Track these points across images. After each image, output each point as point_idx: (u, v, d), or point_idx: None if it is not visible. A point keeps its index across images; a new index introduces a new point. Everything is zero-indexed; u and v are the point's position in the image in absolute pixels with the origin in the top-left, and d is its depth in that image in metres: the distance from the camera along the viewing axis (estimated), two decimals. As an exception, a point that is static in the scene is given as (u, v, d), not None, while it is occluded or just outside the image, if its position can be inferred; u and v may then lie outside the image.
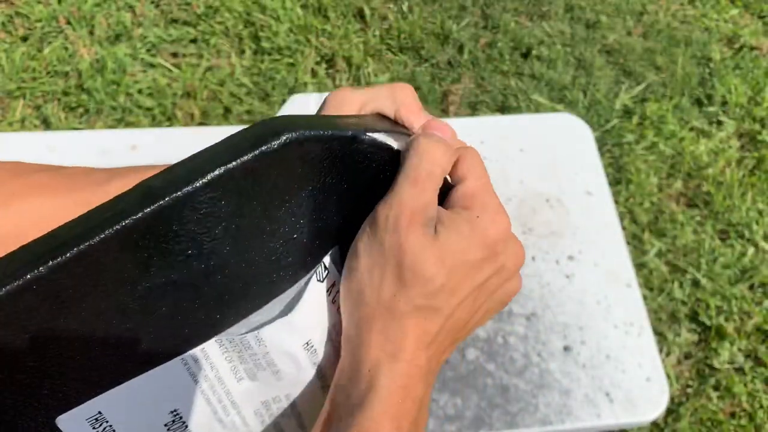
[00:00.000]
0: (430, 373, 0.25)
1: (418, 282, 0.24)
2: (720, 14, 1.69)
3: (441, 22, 1.58)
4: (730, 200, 1.29)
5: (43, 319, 0.20)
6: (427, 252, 0.24)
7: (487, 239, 0.25)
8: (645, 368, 0.55)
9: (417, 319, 0.24)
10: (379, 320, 0.24)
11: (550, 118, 0.75)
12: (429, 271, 0.24)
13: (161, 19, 1.52)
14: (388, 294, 0.24)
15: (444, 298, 0.24)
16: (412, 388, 0.24)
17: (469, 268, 0.24)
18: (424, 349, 0.24)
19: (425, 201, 0.24)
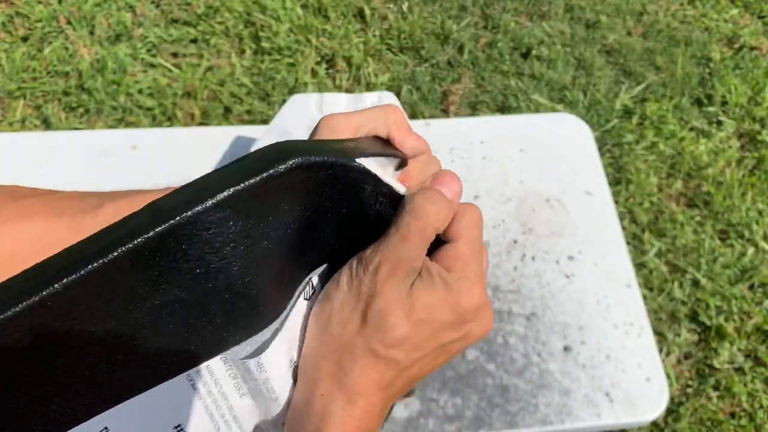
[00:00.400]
0: (382, 414, 0.26)
1: (381, 328, 0.24)
2: (720, 14, 1.69)
3: (441, 22, 1.58)
4: (730, 200, 1.29)
5: (55, 336, 0.21)
6: (398, 302, 0.25)
7: (458, 306, 0.25)
8: (645, 368, 0.55)
9: (375, 363, 0.25)
10: (336, 353, 0.25)
11: (550, 118, 0.75)
12: (394, 320, 0.24)
13: (161, 19, 1.53)
14: (351, 331, 0.25)
15: (404, 350, 0.25)
16: (365, 425, 0.24)
17: (434, 328, 0.25)
18: (381, 392, 0.25)
19: (411, 255, 0.25)
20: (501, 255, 0.61)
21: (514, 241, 0.62)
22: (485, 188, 0.66)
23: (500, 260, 0.61)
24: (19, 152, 0.66)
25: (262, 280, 0.24)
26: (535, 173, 0.67)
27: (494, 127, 0.71)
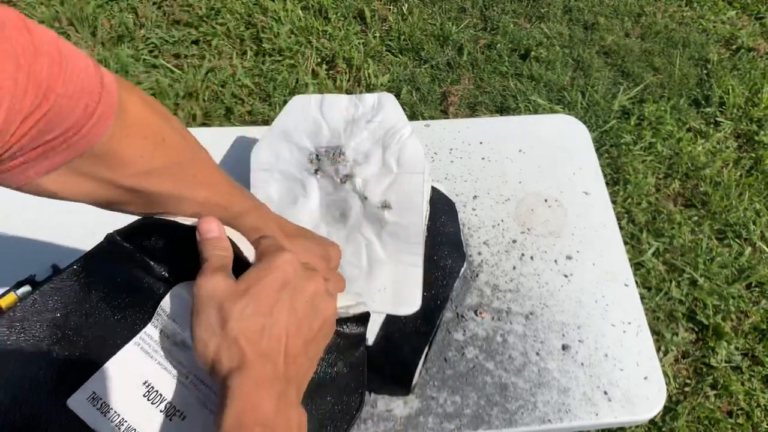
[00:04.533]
0: (286, 371, 0.32)
1: (236, 309, 0.31)
2: (717, 16, 1.69)
3: (441, 24, 1.59)
4: (728, 200, 1.30)
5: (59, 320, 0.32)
6: (233, 287, 0.32)
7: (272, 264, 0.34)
8: (643, 367, 0.55)
9: (247, 334, 0.31)
10: (220, 347, 0.31)
11: (549, 119, 0.76)
12: (240, 299, 0.32)
13: (163, 21, 1.53)
14: (218, 328, 0.31)
15: (261, 314, 0.32)
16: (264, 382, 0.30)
17: (265, 286, 0.33)
18: (265, 353, 0.31)
19: (221, 264, 0.34)
20: (500, 254, 0.62)
21: (512, 240, 0.63)
22: (484, 188, 0.67)
23: (499, 260, 0.61)
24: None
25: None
26: (533, 174, 0.68)
27: (493, 128, 0.71)
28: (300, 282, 0.34)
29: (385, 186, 0.53)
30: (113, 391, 0.32)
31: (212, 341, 0.31)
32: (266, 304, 0.32)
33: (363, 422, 0.51)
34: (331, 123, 0.56)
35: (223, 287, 0.32)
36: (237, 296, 0.32)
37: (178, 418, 0.32)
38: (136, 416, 0.32)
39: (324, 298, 0.35)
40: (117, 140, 0.30)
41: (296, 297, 0.34)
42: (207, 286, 0.32)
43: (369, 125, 0.55)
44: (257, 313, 0.32)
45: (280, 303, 0.33)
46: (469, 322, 0.57)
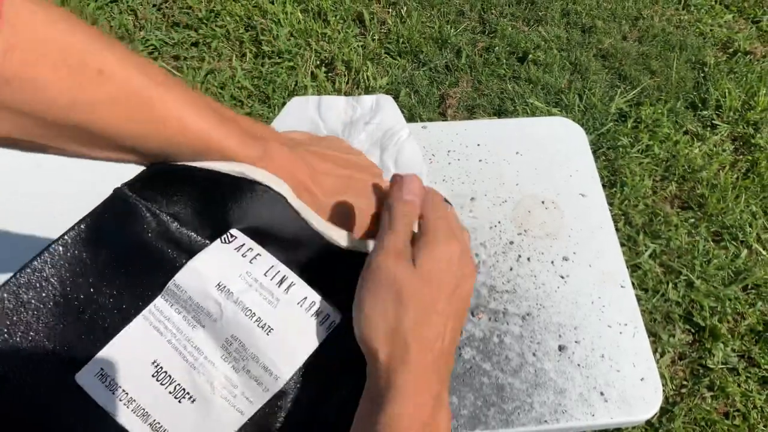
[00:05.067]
0: (439, 369, 0.31)
1: (414, 301, 0.31)
2: (714, 19, 1.70)
3: (439, 27, 1.59)
4: (724, 203, 1.31)
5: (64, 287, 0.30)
6: (414, 278, 0.32)
7: (445, 254, 0.33)
8: (639, 368, 0.56)
9: (418, 331, 0.31)
10: (388, 336, 0.31)
11: (546, 122, 0.76)
12: (419, 291, 0.31)
13: (163, 23, 1.53)
14: (392, 316, 0.31)
15: (433, 308, 0.31)
16: (424, 384, 0.30)
17: (442, 277, 0.32)
18: (429, 351, 0.31)
19: (403, 243, 0.33)
20: (497, 256, 0.62)
21: (509, 242, 0.63)
22: (482, 190, 0.67)
23: (496, 261, 0.62)
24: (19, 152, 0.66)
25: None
26: (530, 176, 0.68)
27: (491, 131, 0.72)
28: (465, 277, 0.34)
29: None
30: (122, 368, 0.31)
31: (383, 327, 0.30)
32: (438, 300, 0.32)
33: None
34: (329, 124, 0.56)
35: (405, 275, 0.31)
36: (418, 286, 0.31)
37: (187, 401, 0.31)
38: (145, 396, 0.31)
39: (470, 297, 0.35)
40: (20, 63, 0.25)
41: (461, 294, 0.33)
42: (389, 270, 0.31)
43: (367, 127, 0.56)
44: (429, 306, 0.31)
45: (448, 300, 0.32)
46: (466, 322, 0.57)
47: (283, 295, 0.33)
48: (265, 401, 0.32)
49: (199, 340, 0.32)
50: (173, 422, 0.31)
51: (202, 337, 0.32)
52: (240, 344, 0.32)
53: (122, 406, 0.30)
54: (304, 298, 0.33)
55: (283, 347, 0.32)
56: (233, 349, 0.32)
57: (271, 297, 0.33)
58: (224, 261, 0.32)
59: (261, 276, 0.33)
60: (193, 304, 0.32)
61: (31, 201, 0.61)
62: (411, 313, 0.31)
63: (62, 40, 0.27)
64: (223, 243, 0.33)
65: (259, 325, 0.32)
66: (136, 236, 0.32)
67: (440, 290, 0.32)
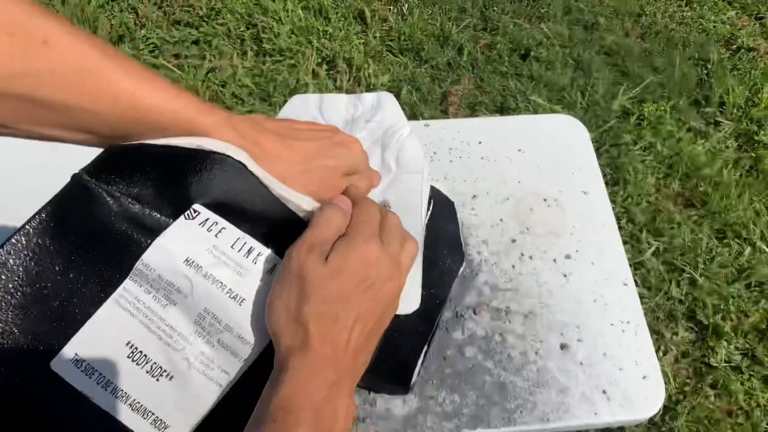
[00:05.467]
0: (339, 360, 0.32)
1: (317, 293, 0.32)
2: (717, 16, 1.70)
3: (441, 24, 1.59)
4: (727, 200, 1.30)
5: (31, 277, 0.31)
6: (321, 270, 0.32)
7: (360, 258, 0.34)
8: (642, 366, 0.55)
9: (319, 321, 0.32)
10: (288, 323, 0.32)
11: (548, 119, 0.76)
12: (324, 284, 0.32)
13: (164, 21, 1.53)
14: (294, 305, 0.32)
15: (339, 302, 0.32)
16: (320, 370, 0.31)
17: (350, 279, 0.33)
18: (330, 342, 0.32)
19: (321, 240, 0.34)
20: (499, 254, 0.62)
21: (512, 240, 0.63)
22: (483, 188, 0.67)
23: (498, 259, 0.61)
24: (20, 152, 0.66)
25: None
26: (533, 173, 0.68)
27: (493, 128, 0.71)
28: (381, 279, 0.34)
29: (384, 185, 0.53)
30: (97, 352, 0.31)
31: (284, 316, 0.31)
32: (345, 295, 0.32)
33: (361, 421, 0.51)
34: (330, 122, 0.56)
35: (312, 267, 0.32)
36: (323, 279, 0.32)
37: (165, 378, 0.32)
38: (122, 378, 0.31)
39: (397, 295, 0.36)
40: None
41: (375, 295, 0.34)
42: (298, 261, 0.32)
43: (368, 125, 0.55)
44: (335, 300, 0.32)
45: (357, 297, 0.33)
46: (468, 321, 0.57)
47: (251, 265, 0.34)
48: (240, 370, 0.33)
49: (172, 318, 0.32)
50: (153, 401, 0.31)
51: (174, 314, 0.32)
52: (213, 317, 0.32)
53: (100, 390, 0.31)
54: (273, 266, 0.34)
55: (255, 316, 0.33)
56: (206, 323, 0.32)
57: (240, 268, 0.33)
58: (190, 237, 0.33)
59: (228, 249, 0.33)
60: (163, 282, 0.32)
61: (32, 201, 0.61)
62: (313, 305, 0.31)
63: (4, 9, 0.27)
64: (187, 219, 0.33)
65: (231, 297, 0.33)
66: (99, 221, 0.32)
67: (348, 287, 0.33)
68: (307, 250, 0.33)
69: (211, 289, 0.32)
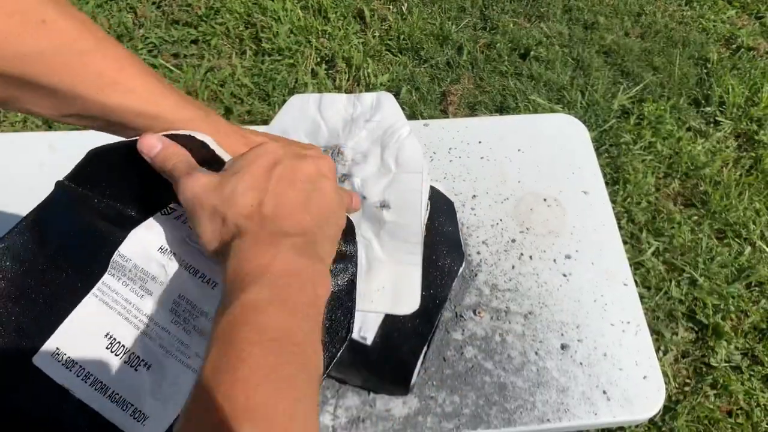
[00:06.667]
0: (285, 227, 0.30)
1: (227, 197, 0.30)
2: (717, 15, 1.69)
3: (440, 24, 1.59)
4: (727, 200, 1.30)
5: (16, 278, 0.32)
6: (216, 179, 0.31)
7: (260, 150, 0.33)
8: (642, 366, 0.55)
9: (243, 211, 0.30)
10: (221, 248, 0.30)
11: (548, 119, 0.76)
12: (228, 183, 0.31)
13: (162, 20, 1.53)
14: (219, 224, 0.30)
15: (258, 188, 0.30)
16: (262, 238, 0.29)
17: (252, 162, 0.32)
18: (267, 222, 0.30)
19: (187, 163, 0.32)
20: (499, 254, 0.62)
21: (512, 240, 0.63)
22: (483, 188, 0.67)
23: (498, 259, 0.61)
24: (20, 152, 0.66)
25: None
26: (532, 173, 0.68)
27: (493, 128, 0.71)
28: (290, 162, 0.32)
29: (383, 185, 0.53)
30: (76, 345, 0.32)
31: (215, 232, 0.30)
32: (259, 181, 0.31)
33: (361, 422, 0.51)
34: (329, 122, 0.56)
35: (206, 181, 0.31)
36: (225, 182, 0.30)
37: (143, 368, 0.32)
38: (100, 369, 0.32)
39: (321, 178, 0.33)
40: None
41: (291, 174, 0.32)
42: (189, 188, 0.30)
43: (367, 125, 0.55)
44: (251, 188, 0.30)
45: (273, 179, 0.31)
46: (468, 321, 0.56)
47: None
48: None
49: (148, 308, 0.33)
50: (131, 391, 0.32)
51: (150, 304, 0.33)
52: (188, 302, 0.33)
53: (80, 382, 0.32)
54: None
55: None
56: (182, 310, 0.33)
57: None
58: (165, 228, 0.34)
59: None
60: (138, 272, 0.33)
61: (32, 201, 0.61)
62: (230, 202, 0.30)
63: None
64: (163, 215, 0.35)
65: (204, 281, 0.34)
66: (81, 223, 0.33)
67: (259, 174, 0.31)
68: (186, 176, 0.31)
69: (184, 275, 0.33)
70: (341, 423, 0.50)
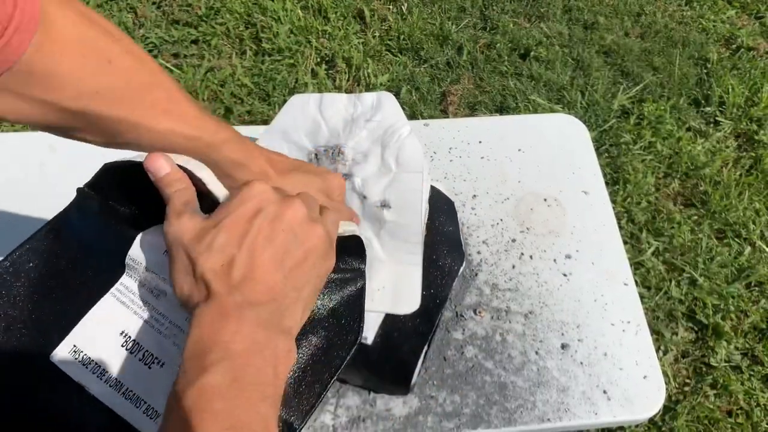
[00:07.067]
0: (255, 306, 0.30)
1: (204, 244, 0.31)
2: (717, 15, 1.69)
3: (440, 24, 1.59)
4: (727, 200, 1.30)
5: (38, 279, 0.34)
6: (201, 224, 0.32)
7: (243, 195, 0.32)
8: (642, 366, 0.55)
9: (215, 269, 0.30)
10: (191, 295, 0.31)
11: (548, 119, 0.76)
12: (208, 234, 0.31)
13: (163, 20, 1.53)
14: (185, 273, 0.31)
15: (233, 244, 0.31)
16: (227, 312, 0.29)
17: (238, 217, 0.32)
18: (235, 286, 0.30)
19: (182, 201, 0.33)
20: (499, 254, 0.62)
21: (512, 240, 0.63)
22: (483, 188, 0.67)
23: (498, 259, 0.61)
24: (20, 152, 0.66)
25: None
26: (533, 173, 0.68)
27: (493, 128, 0.71)
28: (274, 209, 0.32)
29: (384, 185, 0.53)
30: (93, 343, 0.33)
31: (185, 283, 0.30)
32: (236, 236, 0.31)
33: (362, 421, 0.51)
34: (330, 122, 0.56)
35: (189, 227, 0.31)
36: (205, 233, 0.31)
37: (156, 365, 0.33)
38: (116, 366, 0.33)
39: (306, 224, 0.33)
40: (48, 56, 0.28)
41: (272, 225, 0.32)
42: (172, 231, 0.32)
43: (368, 124, 0.55)
44: (226, 245, 0.30)
45: (251, 233, 0.31)
46: (469, 321, 0.57)
47: None
48: None
49: (164, 307, 0.34)
50: (145, 388, 0.32)
51: (165, 304, 0.34)
52: None
53: (95, 379, 0.32)
54: None
55: None
56: None
57: None
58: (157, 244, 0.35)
59: None
60: (149, 274, 0.34)
61: (31, 201, 0.61)
62: (204, 257, 0.30)
63: (84, 35, 0.30)
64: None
65: None
66: (101, 226, 0.35)
67: (238, 227, 0.31)
68: (175, 217, 0.32)
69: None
70: (342, 422, 0.50)
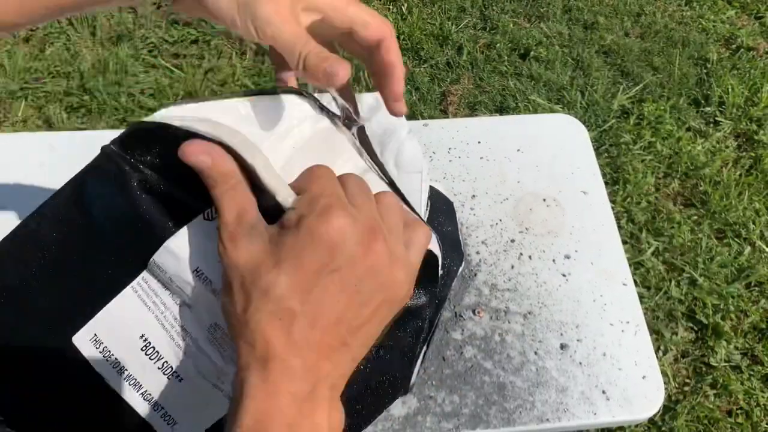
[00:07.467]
0: (313, 369, 0.25)
1: (261, 290, 0.25)
2: (717, 15, 1.69)
3: (440, 24, 1.59)
4: (727, 200, 1.30)
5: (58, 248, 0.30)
6: (258, 257, 0.25)
7: (319, 237, 0.25)
8: (641, 366, 0.55)
9: (273, 324, 0.24)
10: (242, 333, 0.25)
11: (548, 119, 0.76)
12: (267, 274, 0.25)
13: (162, 20, 1.53)
14: (240, 309, 0.25)
15: (296, 297, 0.25)
16: (285, 385, 0.24)
17: (308, 265, 0.25)
18: (296, 350, 0.25)
19: (237, 211, 0.26)
20: (498, 254, 0.62)
21: (511, 240, 0.63)
22: (483, 188, 0.67)
23: (497, 259, 0.61)
24: (20, 152, 0.66)
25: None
26: (532, 173, 0.68)
27: (492, 128, 0.71)
28: (353, 254, 0.25)
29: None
30: (114, 337, 0.31)
31: (234, 322, 0.26)
32: (302, 286, 0.25)
33: (361, 421, 0.51)
34: (329, 122, 0.56)
35: (246, 257, 0.25)
36: (265, 270, 0.25)
37: (174, 379, 0.31)
38: (135, 367, 0.31)
39: (388, 268, 0.26)
40: None
41: (345, 276, 0.25)
42: (227, 255, 0.25)
43: (367, 124, 0.55)
44: (289, 296, 0.24)
45: (321, 286, 0.25)
46: (468, 321, 0.57)
47: None
48: None
49: (186, 320, 0.30)
50: (163, 396, 0.31)
51: (188, 317, 0.30)
52: (223, 333, 0.30)
53: (115, 373, 0.31)
54: None
55: None
56: (218, 336, 0.31)
57: None
58: (203, 243, 0.29)
59: None
60: (174, 287, 0.30)
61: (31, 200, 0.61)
62: (262, 303, 0.24)
63: None
64: (205, 219, 0.29)
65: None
66: (126, 196, 0.30)
67: (304, 275, 0.25)
68: (228, 239, 0.26)
69: (218, 306, 0.30)
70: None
